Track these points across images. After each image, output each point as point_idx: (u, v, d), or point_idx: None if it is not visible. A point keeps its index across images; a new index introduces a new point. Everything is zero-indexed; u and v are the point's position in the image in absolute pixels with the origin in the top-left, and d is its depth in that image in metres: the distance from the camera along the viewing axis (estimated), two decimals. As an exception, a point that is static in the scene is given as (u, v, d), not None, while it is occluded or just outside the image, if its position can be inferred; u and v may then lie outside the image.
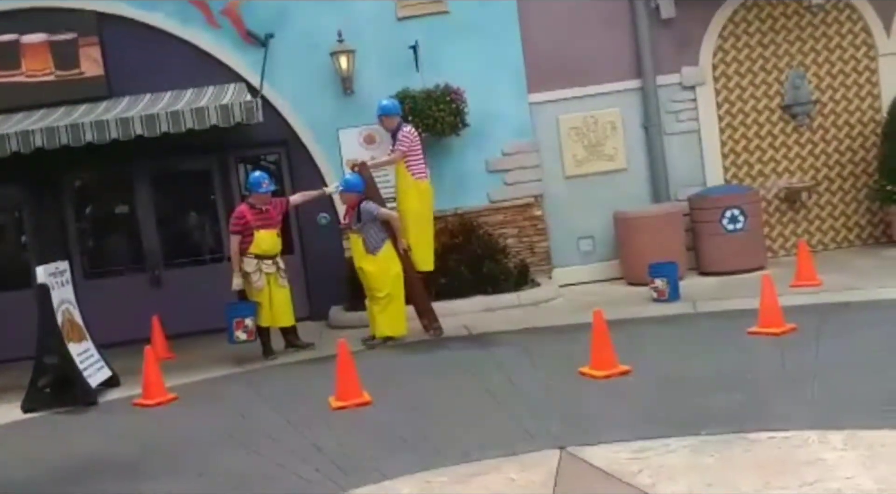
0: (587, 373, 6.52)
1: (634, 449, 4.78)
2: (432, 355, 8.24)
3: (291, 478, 5.13)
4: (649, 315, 8.80)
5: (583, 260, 11.30)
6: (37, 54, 10.80)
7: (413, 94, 10.53)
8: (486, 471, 4.77)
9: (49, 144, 9.07)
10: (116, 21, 10.85)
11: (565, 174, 11.27)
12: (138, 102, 10.22)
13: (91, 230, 11.87)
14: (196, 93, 10.38)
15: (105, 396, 8.19)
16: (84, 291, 9.58)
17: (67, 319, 8.30)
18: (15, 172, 10.38)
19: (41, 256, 9.93)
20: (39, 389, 7.96)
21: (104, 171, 11.30)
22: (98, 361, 8.54)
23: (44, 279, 7.96)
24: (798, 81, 11.26)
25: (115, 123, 9.06)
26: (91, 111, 10.05)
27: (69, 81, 10.79)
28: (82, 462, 6.14)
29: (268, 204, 9.02)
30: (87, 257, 11.58)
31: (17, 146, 9.06)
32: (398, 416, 6.22)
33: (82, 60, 10.82)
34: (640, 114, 11.22)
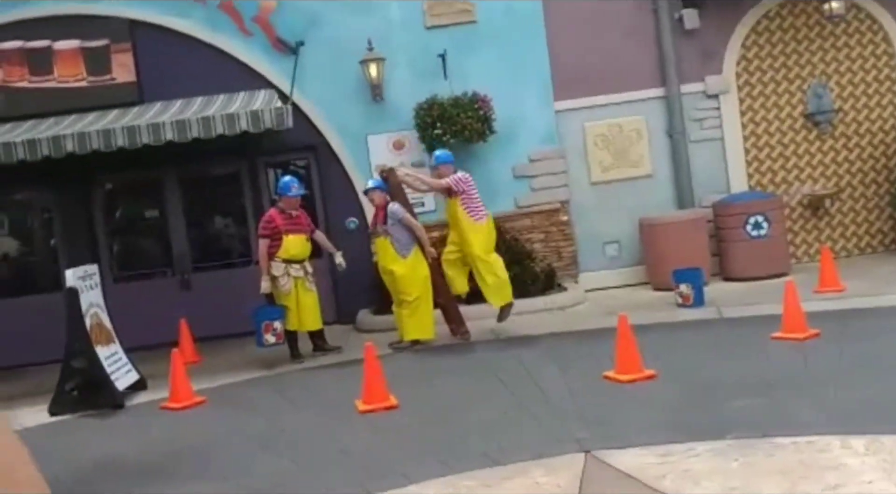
0: (612, 377, 6.47)
1: (659, 454, 4.72)
2: (459, 358, 8.16)
3: (318, 481, 5.08)
4: (674, 320, 8.71)
5: (608, 265, 11.26)
6: (69, 60, 10.81)
7: (441, 101, 10.54)
8: (512, 475, 4.72)
9: (80, 149, 9.03)
10: (148, 28, 10.86)
11: (591, 180, 11.24)
12: (169, 108, 10.18)
13: (121, 234, 11.81)
14: (227, 99, 10.32)
15: (132, 399, 8.10)
16: (113, 294, 9.57)
17: (96, 322, 8.17)
18: (45, 175, 10.30)
19: (70, 259, 9.98)
20: (67, 392, 7.84)
21: (134, 175, 11.21)
22: (126, 364, 8.41)
23: (73, 283, 7.87)
24: (820, 90, 11.25)
25: (147, 129, 9.00)
26: (122, 116, 10.02)
27: (101, 87, 10.78)
28: (108, 464, 6.07)
29: (297, 209, 8.95)
30: (117, 261, 11.51)
31: (49, 151, 9.02)
32: (425, 420, 6.17)
33: (114, 66, 10.83)
34: (665, 122, 11.20)
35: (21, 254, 11.77)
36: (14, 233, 11.85)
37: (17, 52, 10.74)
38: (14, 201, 11.79)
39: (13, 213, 11.90)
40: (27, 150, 9.03)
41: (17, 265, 11.70)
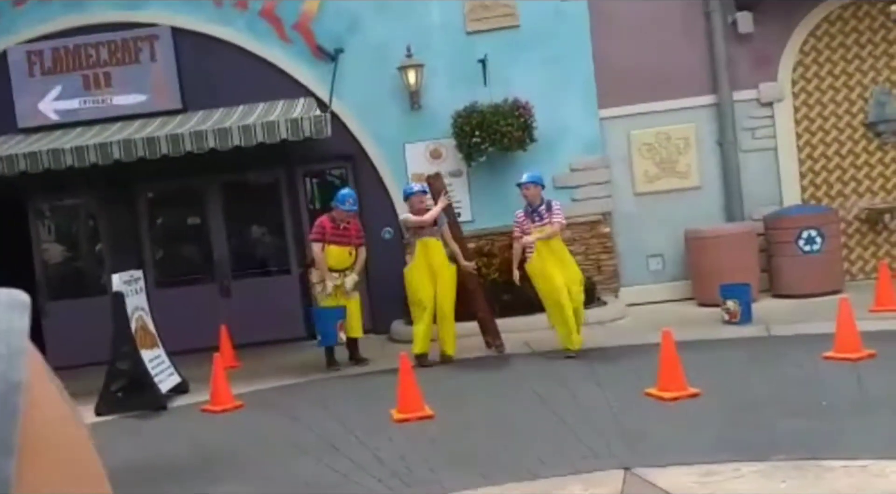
0: (654, 394, 6.35)
1: (702, 473, 4.62)
2: (495, 371, 8.06)
3: (354, 488, 5.07)
4: (720, 337, 8.48)
5: (652, 279, 10.94)
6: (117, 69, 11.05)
7: (481, 108, 10.31)
8: (550, 489, 4.66)
9: (126, 157, 9.33)
10: (190, 36, 10.94)
11: (635, 191, 10.91)
12: (211, 116, 10.33)
13: (163, 240, 12.01)
14: (267, 107, 10.41)
15: (174, 401, 8.30)
16: (156, 299, 9.70)
17: (140, 326, 8.41)
18: (91, 182, 10.66)
19: (115, 264, 10.29)
20: (112, 393, 8.08)
21: (177, 183, 11.35)
22: (168, 367, 8.64)
23: (119, 287, 8.11)
24: (883, 98, 10.71)
25: (190, 137, 9.26)
26: (166, 125, 10.22)
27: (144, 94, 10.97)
28: (150, 464, 6.19)
29: (348, 222, 9.01)
30: (159, 267, 11.69)
31: (97, 158, 9.34)
32: (460, 431, 6.14)
33: (157, 74, 10.98)
34: (715, 130, 10.80)
35: (67, 259, 12.09)
36: (61, 239, 12.20)
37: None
38: (61, 208, 12.12)
39: (60, 219, 12.25)
40: (75, 156, 9.37)
41: (64, 270, 12.00)
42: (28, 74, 11.07)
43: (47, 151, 9.43)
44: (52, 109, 11.07)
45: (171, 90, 11.00)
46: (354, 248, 9.03)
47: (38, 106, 11.07)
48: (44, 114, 11.08)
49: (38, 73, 11.07)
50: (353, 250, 9.01)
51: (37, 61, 11.06)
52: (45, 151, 9.45)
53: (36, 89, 11.08)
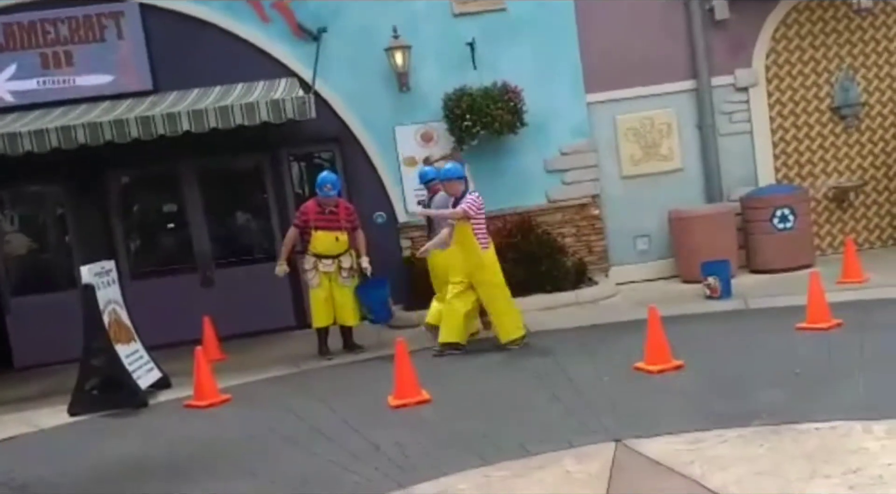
0: (642, 368, 6.50)
1: (688, 441, 4.80)
2: (490, 353, 8.01)
3: (350, 478, 4.98)
4: (702, 312, 8.72)
5: (639, 259, 11.05)
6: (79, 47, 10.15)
7: (470, 92, 10.12)
8: (544, 465, 4.75)
9: (93, 141, 8.52)
10: (161, 13, 10.18)
11: (622, 174, 10.96)
12: (185, 98, 9.58)
13: (138, 230, 11.15)
14: (246, 88, 9.74)
15: (156, 398, 7.83)
16: (132, 291, 9.12)
17: (114, 320, 7.80)
18: (57, 169, 9.77)
19: (85, 256, 9.38)
20: (87, 391, 7.52)
21: (152, 168, 10.60)
22: (147, 362, 8.07)
23: (89, 279, 7.49)
24: (847, 83, 11.07)
25: (162, 119, 8.52)
26: (136, 107, 9.41)
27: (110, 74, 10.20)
28: (129, 464, 5.88)
29: (335, 206, 8.57)
30: (134, 257, 10.88)
31: (59, 142, 8.50)
32: (457, 413, 6.11)
33: (125, 53, 10.19)
34: (695, 115, 10.93)
35: (33, 251, 11.09)
36: (25, 230, 11.17)
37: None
38: (24, 196, 11.08)
39: (24, 208, 11.20)
40: (34, 141, 8.51)
41: (30, 263, 11.02)
42: None
43: (2, 136, 8.51)
44: (5, 90, 10.16)
45: (140, 70, 10.18)
46: (344, 232, 8.55)
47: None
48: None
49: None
50: (341, 236, 8.53)
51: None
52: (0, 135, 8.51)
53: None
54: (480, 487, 4.63)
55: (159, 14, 10.24)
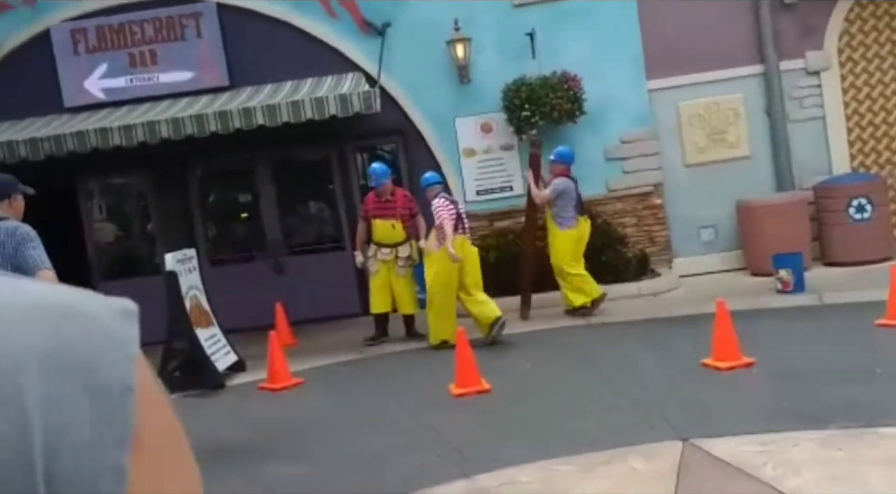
0: (710, 365, 6.26)
1: (759, 442, 4.61)
2: (551, 345, 7.96)
3: (414, 462, 5.07)
4: (774, 307, 8.41)
5: (704, 250, 10.72)
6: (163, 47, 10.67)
7: (529, 81, 10.02)
8: (609, 461, 4.64)
9: (175, 135, 9.04)
10: (236, 12, 10.55)
11: (686, 162, 10.66)
12: (259, 93, 10.00)
13: (215, 219, 11.68)
14: (315, 83, 10.08)
15: (232, 380, 8.12)
16: (209, 277, 9.41)
17: (195, 305, 8.19)
18: (140, 161, 10.35)
19: (167, 243, 10.01)
20: (169, 372, 7.85)
21: (228, 160, 11.02)
22: (225, 346, 8.41)
23: (172, 266, 7.89)
24: None
25: (238, 113, 8.98)
26: (213, 102, 9.89)
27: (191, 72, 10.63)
28: (210, 443, 6.00)
29: (391, 195, 8.73)
30: (212, 245, 11.39)
31: (145, 136, 9.06)
32: (518, 404, 6.09)
33: (203, 50, 10.65)
34: (763, 100, 10.52)
35: (119, 238, 11.79)
36: (112, 218, 11.90)
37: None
38: (111, 187, 11.80)
39: (111, 199, 11.93)
40: (123, 135, 9.11)
41: (116, 250, 11.71)
42: (73, 53, 10.66)
43: (95, 131, 9.16)
44: (98, 88, 10.74)
45: (217, 67, 10.61)
46: (400, 221, 8.67)
47: (83, 85, 10.71)
48: (90, 92, 10.72)
49: (83, 51, 10.66)
50: (398, 223, 8.65)
51: (81, 39, 10.66)
52: (92, 131, 9.18)
53: (81, 68, 10.68)
54: (544, 480, 4.56)
55: (234, 13, 10.64)
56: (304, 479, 5.13)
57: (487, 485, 4.61)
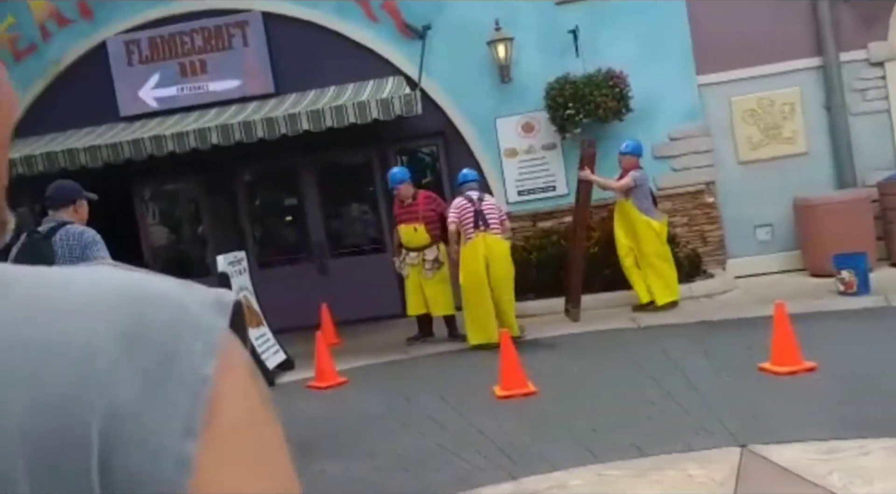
0: (768, 369, 5.98)
1: (823, 450, 4.38)
2: (598, 347, 7.73)
3: (460, 463, 5.00)
4: (836, 309, 7.99)
5: (760, 250, 10.29)
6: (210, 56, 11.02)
7: (573, 79, 9.81)
8: (662, 466, 4.46)
9: (224, 141, 9.36)
10: (280, 20, 10.75)
11: (739, 159, 10.25)
12: (304, 99, 10.21)
13: (262, 222, 11.97)
14: (356, 87, 10.21)
15: (281, 378, 8.32)
16: (257, 279, 9.66)
17: (246, 305, 8.21)
18: (191, 167, 10.67)
19: (217, 246, 10.32)
20: None
21: (273, 165, 11.24)
22: (274, 345, 8.63)
23: (224, 268, 8.16)
24: None
25: (284, 120, 9.24)
26: (260, 109, 10.17)
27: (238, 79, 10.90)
28: None
29: (413, 198, 8.74)
30: (259, 247, 11.66)
31: (196, 143, 9.39)
32: (565, 408, 5.91)
33: (249, 58, 10.92)
34: (822, 93, 10.03)
35: (172, 242, 12.22)
36: (165, 222, 12.32)
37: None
38: (164, 192, 12.23)
39: (164, 203, 12.35)
40: (176, 142, 9.48)
41: (170, 253, 12.12)
42: (127, 64, 11.06)
43: (150, 138, 9.51)
44: (151, 97, 11.11)
45: (263, 74, 10.84)
46: (423, 224, 8.58)
47: (138, 94, 11.08)
48: (144, 102, 11.08)
49: (137, 62, 11.05)
50: (420, 227, 8.58)
51: (135, 51, 11.05)
52: (147, 139, 9.53)
53: (135, 78, 11.05)
54: (594, 485, 4.42)
55: (279, 21, 10.85)
56: (351, 477, 5.14)
57: (536, 488, 4.49)
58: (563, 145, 10.37)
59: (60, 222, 4.76)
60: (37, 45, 11.40)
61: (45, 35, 11.38)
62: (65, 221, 4.77)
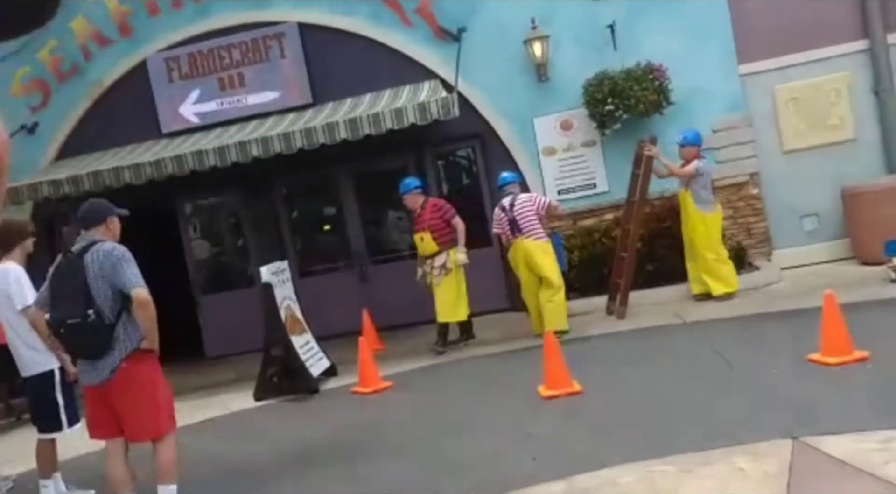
0: (818, 360, 5.93)
1: (879, 439, 4.31)
2: (643, 344, 7.77)
3: (508, 464, 5.02)
4: (887, 297, 7.87)
5: (807, 240, 10.23)
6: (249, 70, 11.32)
7: (612, 74, 9.89)
8: (712, 461, 4.44)
9: (264, 154, 9.53)
10: (316, 30, 11.01)
11: (783, 149, 10.21)
12: (341, 108, 10.37)
13: (303, 232, 12.19)
14: (393, 93, 10.39)
15: (325, 384, 8.46)
16: (299, 287, 9.65)
17: (290, 314, 8.61)
18: (232, 180, 10.95)
19: (259, 257, 10.51)
20: (268, 379, 8.33)
21: (311, 175, 11.47)
22: (318, 352, 8.80)
23: (267, 278, 8.31)
24: None
25: (323, 130, 9.36)
26: (299, 119, 10.36)
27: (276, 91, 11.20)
28: (308, 445, 6.36)
29: (421, 208, 8.99)
30: (301, 257, 11.86)
31: (237, 157, 9.57)
32: (612, 405, 5.93)
33: (286, 69, 11.18)
34: (870, 78, 9.94)
35: (214, 254, 12.53)
36: (205, 236, 12.63)
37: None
38: (205, 206, 12.54)
39: (205, 217, 12.68)
40: (218, 157, 9.67)
41: (212, 265, 12.44)
42: (167, 80, 11.42)
43: (191, 154, 9.73)
44: (192, 113, 11.44)
45: (301, 85, 11.09)
46: (430, 232, 8.83)
47: (178, 110, 11.42)
48: (184, 117, 11.42)
49: (177, 78, 11.41)
50: (427, 235, 8.84)
51: (174, 67, 11.41)
52: (189, 154, 9.75)
53: (176, 94, 11.41)
54: (645, 481, 4.41)
55: (314, 31, 11.10)
56: (400, 480, 5.19)
57: (587, 486, 4.52)
58: (602, 142, 10.44)
59: (92, 240, 4.91)
60: (79, 65, 11.80)
61: (86, 56, 11.77)
62: (96, 239, 4.91)
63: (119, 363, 4.85)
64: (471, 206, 11.19)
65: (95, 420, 5.04)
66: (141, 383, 4.91)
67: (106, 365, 4.85)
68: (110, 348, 4.83)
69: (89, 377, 4.92)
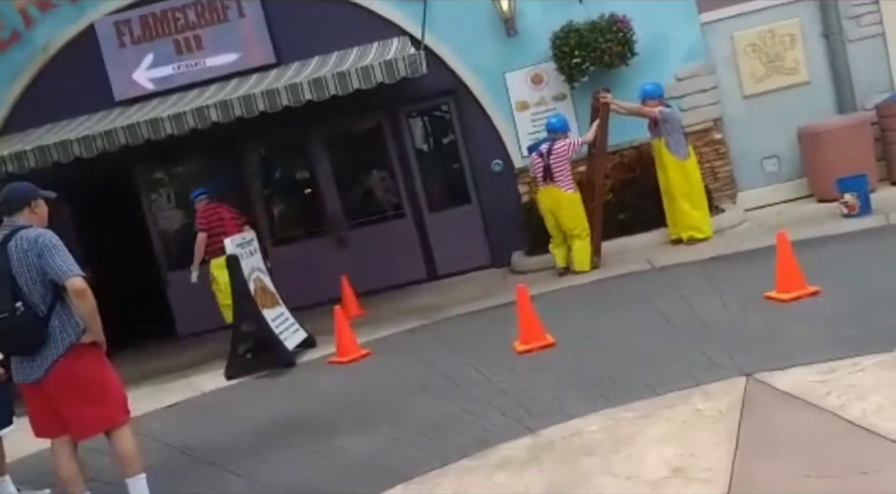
0: (773, 297, 6.39)
1: (822, 371, 4.69)
2: (613, 291, 8.22)
3: (479, 423, 5.27)
4: (839, 232, 8.47)
5: (768, 181, 11.06)
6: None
7: (578, 27, 10.40)
8: (672, 404, 4.78)
9: (224, 118, 9.12)
10: None
11: (744, 94, 11.00)
12: (306, 67, 10.28)
13: (275, 198, 12.18)
14: (361, 51, 10.43)
15: (302, 357, 8.44)
16: (275, 257, 9.95)
17: (259, 287, 8.42)
18: (196, 148, 10.74)
19: None
20: (240, 356, 8.18)
21: (282, 138, 11.51)
22: (293, 324, 8.67)
23: (232, 250, 8.12)
24: None
25: (286, 91, 9.01)
26: (262, 81, 10.19)
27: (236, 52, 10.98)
28: (283, 420, 6.41)
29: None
30: (274, 225, 11.85)
31: (195, 123, 9.13)
32: (582, 356, 6.25)
33: (247, 27, 10.87)
34: (820, 23, 10.73)
35: (185, 226, 12.05)
36: (173, 207, 12.31)
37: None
38: (169, 176, 12.34)
39: (169, 187, 12.42)
40: (174, 124, 9.16)
41: (182, 238, 11.92)
42: (118, 46, 11.18)
43: (146, 122, 9.28)
44: (146, 79, 11.20)
45: (262, 45, 11.07)
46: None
47: (132, 77, 11.22)
48: (139, 84, 11.22)
49: (129, 43, 11.19)
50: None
51: (126, 31, 11.17)
52: (143, 123, 9.29)
53: (128, 60, 11.19)
54: (608, 428, 4.72)
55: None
56: (372, 450, 5.37)
57: (553, 438, 4.81)
58: (572, 95, 10.98)
59: (15, 226, 4.58)
60: (20, 33, 11.43)
61: (27, 22, 11.39)
62: (20, 225, 4.59)
63: (56, 359, 4.55)
64: (448, 162, 11.36)
65: (37, 420, 4.77)
66: (83, 381, 4.60)
67: (42, 361, 4.56)
68: (44, 343, 4.52)
69: (24, 375, 4.64)
